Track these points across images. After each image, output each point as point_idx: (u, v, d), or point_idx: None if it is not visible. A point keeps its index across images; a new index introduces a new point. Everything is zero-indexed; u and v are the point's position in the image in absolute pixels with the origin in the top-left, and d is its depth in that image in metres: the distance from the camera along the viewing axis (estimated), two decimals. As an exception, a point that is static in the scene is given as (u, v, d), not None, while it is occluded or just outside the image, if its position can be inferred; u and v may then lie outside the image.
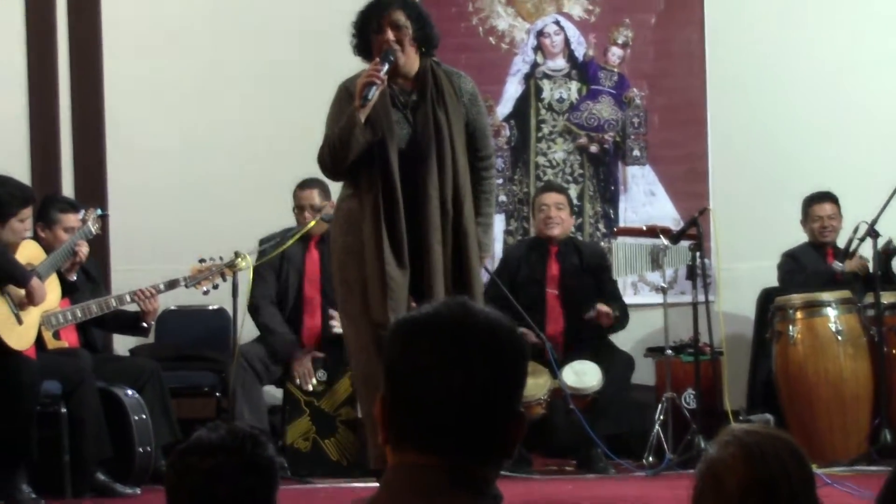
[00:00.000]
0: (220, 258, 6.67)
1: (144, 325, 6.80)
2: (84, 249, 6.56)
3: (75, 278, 6.59)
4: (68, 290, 6.54)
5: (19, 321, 6.10)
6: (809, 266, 7.41)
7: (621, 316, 7.25)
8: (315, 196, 7.12)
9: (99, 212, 6.75)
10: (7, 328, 6.02)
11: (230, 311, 6.88)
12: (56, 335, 6.54)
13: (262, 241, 7.02)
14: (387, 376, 1.92)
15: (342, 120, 5.14)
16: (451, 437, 1.86)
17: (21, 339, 6.11)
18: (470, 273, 5.27)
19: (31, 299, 6.10)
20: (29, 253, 6.28)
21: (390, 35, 5.19)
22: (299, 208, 7.17)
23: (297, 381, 7.04)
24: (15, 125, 8.26)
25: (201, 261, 6.72)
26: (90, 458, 6.28)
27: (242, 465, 2.39)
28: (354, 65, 5.32)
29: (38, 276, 6.15)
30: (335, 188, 5.71)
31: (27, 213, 6.25)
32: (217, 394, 7.46)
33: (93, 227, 6.59)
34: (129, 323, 6.85)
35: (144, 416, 6.52)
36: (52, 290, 6.35)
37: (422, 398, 1.87)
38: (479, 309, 1.92)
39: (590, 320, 7.13)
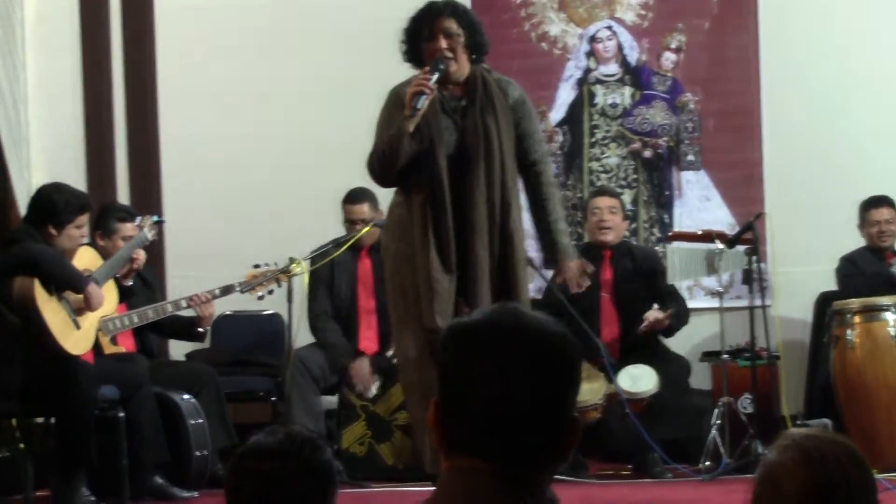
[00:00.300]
0: (275, 264, 6.70)
1: (200, 330, 6.84)
2: (141, 256, 6.61)
3: (131, 283, 6.63)
4: (125, 296, 6.59)
5: (77, 326, 6.15)
6: (868, 270, 7.36)
7: (680, 313, 7.23)
8: (365, 210, 7.11)
9: (155, 218, 6.80)
10: (65, 334, 6.07)
11: (285, 316, 6.90)
12: (113, 340, 6.59)
13: (312, 253, 7.02)
14: (439, 382, 1.91)
15: (391, 128, 5.15)
16: (504, 444, 1.86)
17: (79, 344, 6.16)
18: (515, 278, 5.28)
19: (88, 304, 6.15)
20: (86, 259, 6.32)
21: (442, 43, 5.19)
22: (350, 222, 7.17)
23: (358, 387, 7.04)
24: (71, 134, 8.34)
25: (256, 266, 6.75)
26: (148, 462, 6.32)
27: (300, 468, 2.39)
28: (406, 73, 5.33)
29: (95, 282, 6.20)
30: (384, 197, 5.70)
31: (83, 219, 6.29)
32: (272, 398, 7.48)
33: (149, 234, 6.64)
34: (185, 328, 6.89)
35: (201, 421, 6.55)
36: (108, 295, 6.39)
37: (474, 405, 1.87)
38: (530, 315, 1.91)
39: (646, 331, 7.11)
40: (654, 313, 7.11)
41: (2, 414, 6.25)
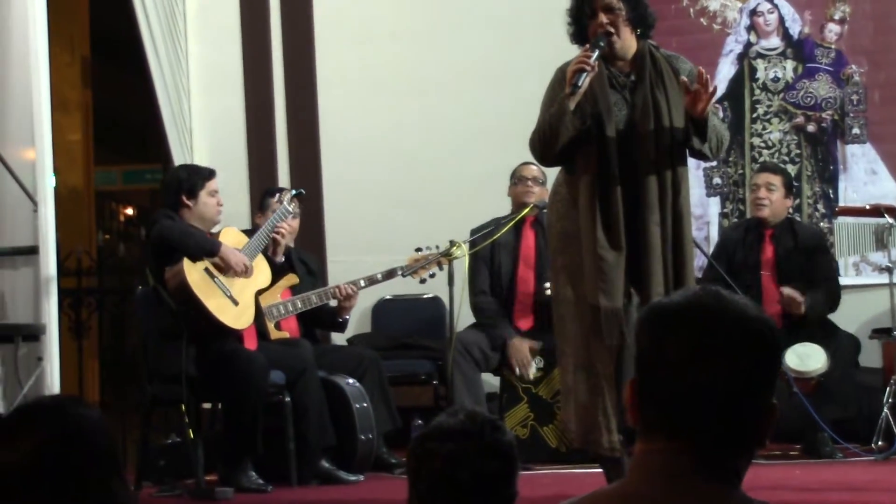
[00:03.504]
0: (437, 247, 6.71)
1: (340, 320, 6.91)
2: (284, 229, 6.69)
3: (283, 260, 6.71)
4: (277, 272, 6.65)
5: (235, 303, 6.24)
6: None
7: (816, 304, 7.04)
8: (534, 170, 7.05)
9: (294, 192, 6.82)
10: (223, 311, 6.16)
11: (445, 299, 6.91)
12: (277, 326, 6.67)
13: (473, 232, 7.02)
14: (637, 363, 1.89)
15: (553, 106, 5.12)
16: (702, 430, 1.84)
17: (239, 318, 6.25)
18: (685, 257, 5.20)
19: (228, 266, 6.23)
20: (230, 239, 6.41)
21: (603, 18, 5.14)
22: (520, 179, 7.12)
23: (517, 370, 7.01)
24: (232, 122, 8.46)
25: (418, 250, 6.77)
26: (314, 446, 6.38)
27: (482, 449, 2.38)
28: (568, 52, 5.29)
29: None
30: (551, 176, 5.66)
31: (214, 184, 6.43)
32: (434, 381, 7.51)
33: (289, 206, 6.66)
34: (328, 318, 6.94)
35: (366, 405, 6.59)
36: (261, 270, 6.47)
37: (673, 391, 1.84)
38: (732, 299, 1.88)
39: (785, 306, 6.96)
40: (788, 290, 6.94)
41: (172, 400, 6.36)
